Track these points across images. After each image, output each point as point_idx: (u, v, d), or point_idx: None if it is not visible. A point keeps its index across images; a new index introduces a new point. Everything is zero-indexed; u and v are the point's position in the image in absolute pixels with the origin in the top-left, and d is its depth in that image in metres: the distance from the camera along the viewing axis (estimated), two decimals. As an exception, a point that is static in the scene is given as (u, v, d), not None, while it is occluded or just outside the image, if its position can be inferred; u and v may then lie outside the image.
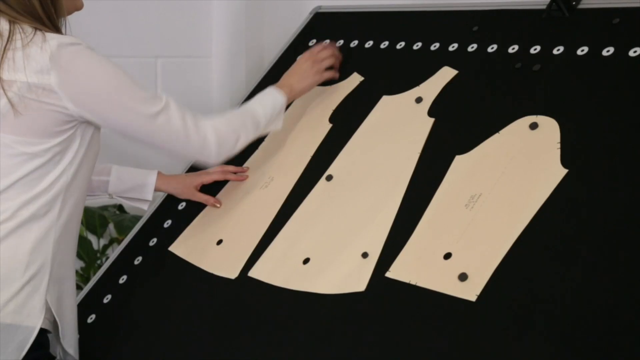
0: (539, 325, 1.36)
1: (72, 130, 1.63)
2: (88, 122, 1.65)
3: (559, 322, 1.35)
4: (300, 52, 2.19)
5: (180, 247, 1.94)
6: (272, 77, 2.20)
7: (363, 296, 1.58)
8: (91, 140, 1.68)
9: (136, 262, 1.98)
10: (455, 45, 1.90)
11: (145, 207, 2.03)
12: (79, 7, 1.74)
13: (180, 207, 2.03)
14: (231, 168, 2.01)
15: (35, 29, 1.60)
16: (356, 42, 2.09)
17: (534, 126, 1.63)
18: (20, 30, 1.59)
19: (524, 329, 1.37)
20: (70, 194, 1.66)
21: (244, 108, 1.86)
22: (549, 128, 1.61)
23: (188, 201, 2.03)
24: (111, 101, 1.63)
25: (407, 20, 2.07)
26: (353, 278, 1.62)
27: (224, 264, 1.83)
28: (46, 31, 1.60)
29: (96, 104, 1.62)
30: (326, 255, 1.70)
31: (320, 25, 2.23)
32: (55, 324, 1.67)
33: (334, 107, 2.00)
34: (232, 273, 1.79)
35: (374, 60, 2.03)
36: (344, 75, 2.05)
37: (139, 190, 2.00)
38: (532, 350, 1.35)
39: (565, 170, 1.53)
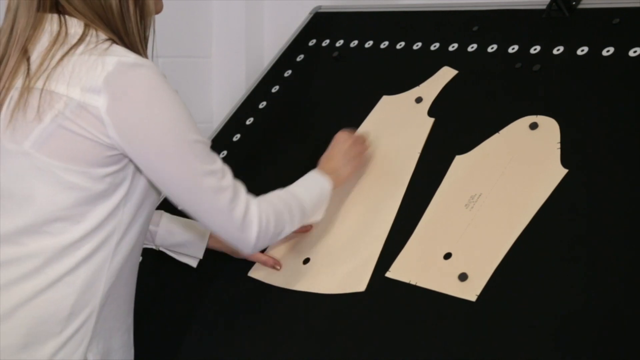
0: (538, 326, 1.36)
1: (122, 163, 1.40)
2: None
3: (559, 322, 1.35)
4: (300, 52, 2.19)
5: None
6: (272, 77, 2.20)
7: (363, 296, 1.58)
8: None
9: (136, 262, 1.97)
10: (455, 45, 1.90)
11: (194, 264, 1.80)
12: (159, 10, 1.51)
13: (180, 207, 2.03)
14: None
15: (111, 40, 1.39)
16: (356, 42, 2.09)
17: (534, 126, 1.63)
18: (94, 35, 1.38)
19: (524, 329, 1.37)
20: (127, 233, 1.45)
21: (291, 195, 1.59)
22: (549, 128, 1.61)
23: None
24: (161, 145, 1.37)
25: (407, 20, 2.07)
26: (353, 278, 1.62)
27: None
28: (118, 44, 1.39)
29: (142, 142, 1.36)
30: (326, 255, 1.70)
31: (320, 25, 2.23)
32: None
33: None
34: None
35: (374, 60, 2.02)
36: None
37: (190, 247, 1.77)
38: (532, 351, 1.34)
39: (565, 170, 1.53)
